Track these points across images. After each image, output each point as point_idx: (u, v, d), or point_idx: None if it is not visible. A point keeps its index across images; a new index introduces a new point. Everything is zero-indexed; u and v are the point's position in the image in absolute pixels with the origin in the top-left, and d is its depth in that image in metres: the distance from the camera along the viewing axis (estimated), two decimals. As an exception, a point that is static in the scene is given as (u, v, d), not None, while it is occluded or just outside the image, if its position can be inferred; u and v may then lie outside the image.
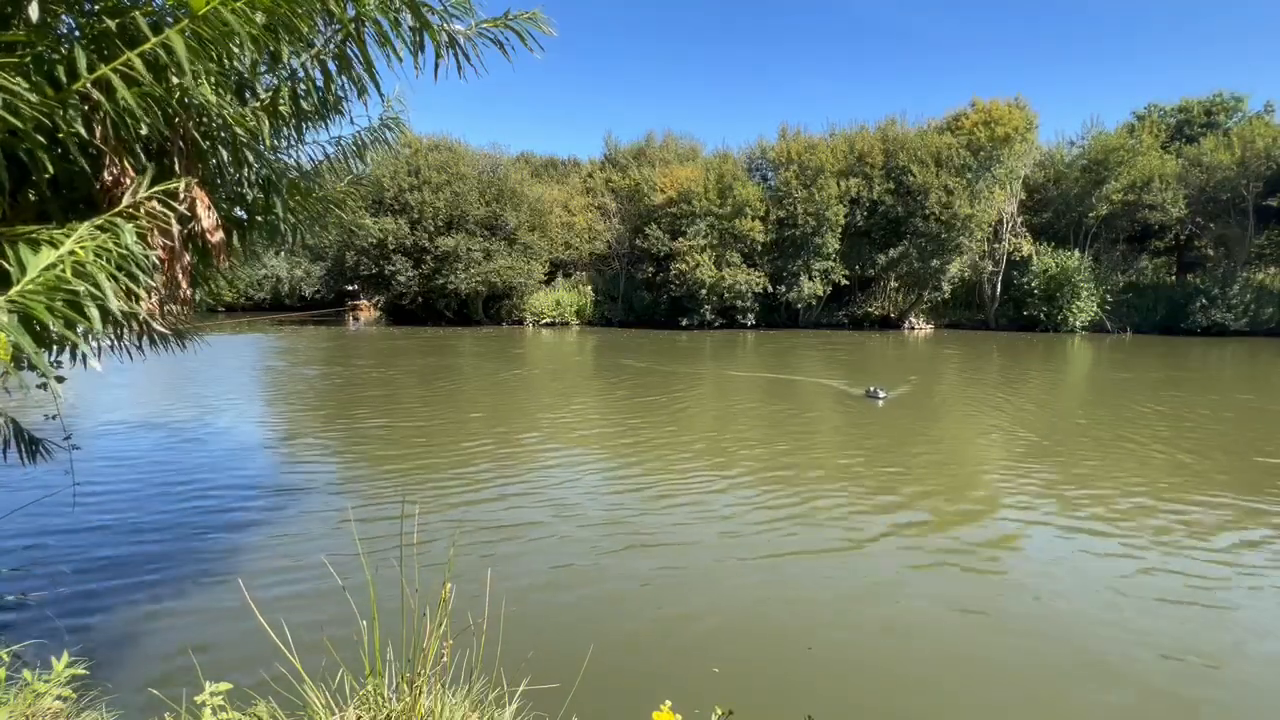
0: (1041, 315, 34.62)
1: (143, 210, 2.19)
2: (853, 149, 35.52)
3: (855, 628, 4.44)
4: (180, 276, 2.49)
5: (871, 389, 12.71)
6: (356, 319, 40.54)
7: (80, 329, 1.89)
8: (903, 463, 8.54)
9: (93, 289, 1.83)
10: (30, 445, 3.65)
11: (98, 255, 1.88)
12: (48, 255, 1.80)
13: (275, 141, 3.07)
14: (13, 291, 1.72)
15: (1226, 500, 6.93)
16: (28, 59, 1.98)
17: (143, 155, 2.36)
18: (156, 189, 2.20)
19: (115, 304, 1.92)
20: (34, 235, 1.89)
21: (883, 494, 7.22)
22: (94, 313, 1.84)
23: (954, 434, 10.57)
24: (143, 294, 2.25)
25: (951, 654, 4.10)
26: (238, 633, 4.08)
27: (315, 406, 12.55)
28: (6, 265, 1.82)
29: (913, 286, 36.98)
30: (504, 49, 2.93)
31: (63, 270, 1.79)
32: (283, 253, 38.51)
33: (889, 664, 4.00)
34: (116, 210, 2.14)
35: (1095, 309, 34.29)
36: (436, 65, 2.85)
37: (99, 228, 1.96)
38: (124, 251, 1.97)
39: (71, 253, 1.84)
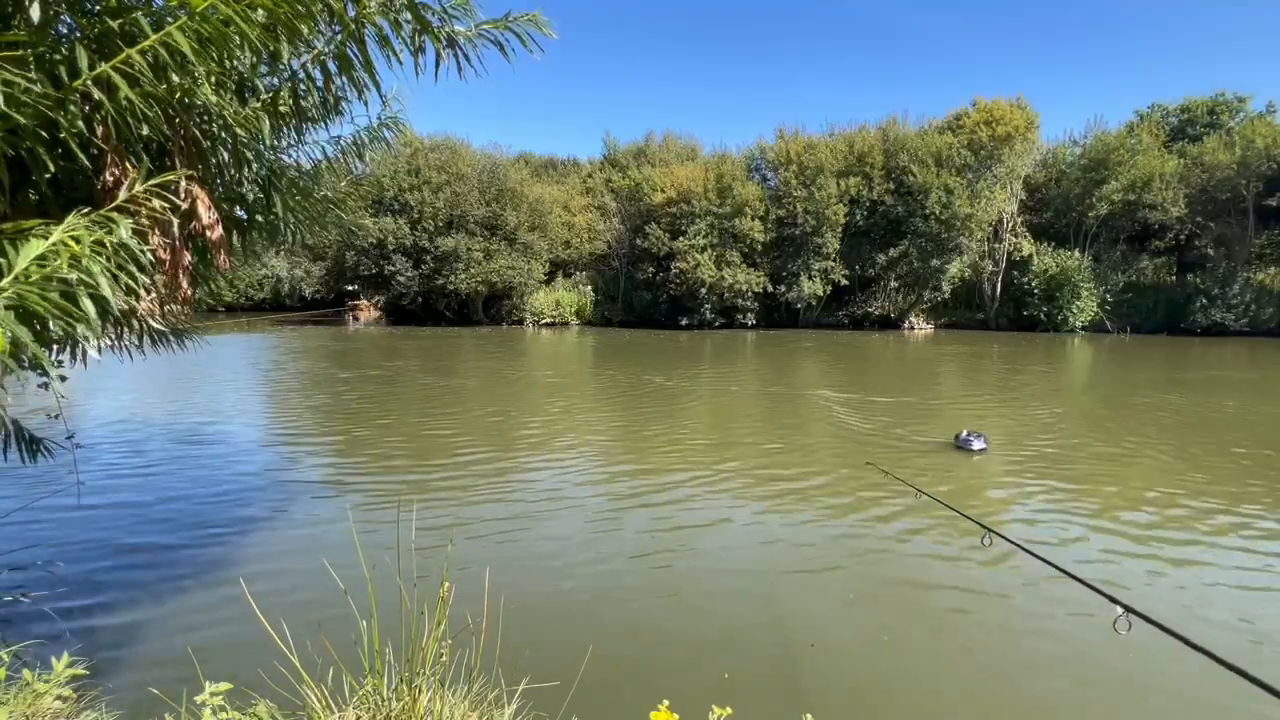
0: (1041, 315, 34.64)
1: (143, 210, 2.19)
2: (852, 149, 35.55)
3: (858, 627, 4.44)
4: (180, 275, 2.50)
5: (964, 434, 9.30)
6: (356, 319, 40.55)
7: (79, 328, 1.89)
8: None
9: (86, 279, 1.83)
10: (31, 444, 3.65)
11: (95, 251, 1.88)
12: (38, 245, 1.80)
13: (275, 141, 3.08)
14: (4, 283, 1.72)
15: None
16: (29, 58, 1.98)
17: (144, 155, 2.36)
18: (153, 181, 2.20)
19: (112, 298, 1.92)
20: (33, 231, 1.89)
21: (893, 503, 7.22)
22: (89, 306, 1.84)
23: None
24: (141, 291, 2.25)
25: (955, 653, 4.10)
26: (238, 632, 4.08)
27: (315, 407, 12.55)
28: (4, 262, 1.82)
29: (913, 286, 36.99)
30: (504, 50, 2.93)
31: (58, 264, 1.80)
32: (282, 252, 38.57)
33: (892, 662, 4.00)
34: (114, 205, 2.15)
35: (1095, 309, 34.31)
36: (437, 66, 2.86)
37: (95, 222, 1.96)
38: (119, 244, 1.97)
39: (65, 245, 1.84)
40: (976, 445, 8.91)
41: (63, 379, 3.23)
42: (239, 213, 3.26)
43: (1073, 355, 24.00)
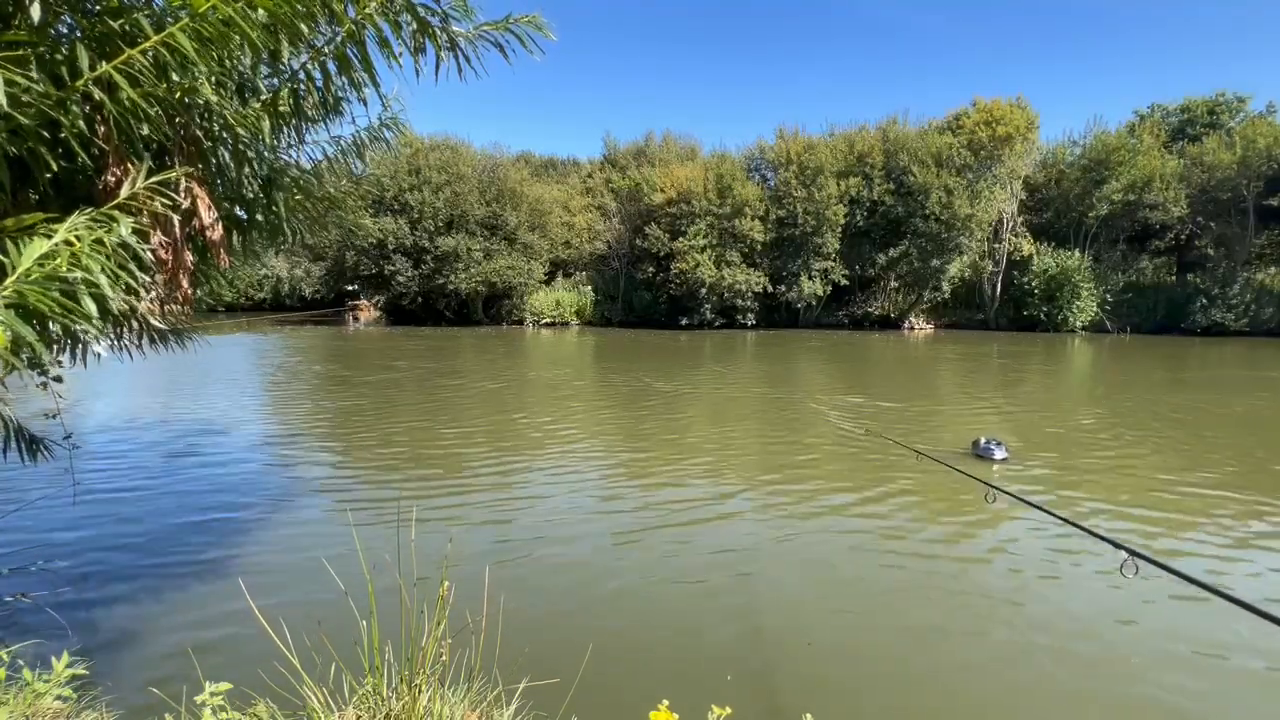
0: (1041, 315, 34.66)
1: (145, 209, 2.19)
2: (853, 149, 35.58)
3: (856, 624, 4.44)
4: (181, 275, 2.50)
5: (983, 441, 8.70)
6: (356, 319, 40.55)
7: (79, 326, 1.89)
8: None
9: (88, 277, 1.83)
10: (30, 444, 3.65)
11: (95, 249, 1.88)
12: (41, 245, 1.80)
13: (275, 141, 3.08)
14: (8, 282, 1.72)
15: None
16: (30, 58, 1.99)
17: (145, 155, 2.37)
18: (154, 179, 2.20)
19: (112, 296, 1.92)
20: (34, 228, 1.90)
21: (894, 508, 7.22)
22: (90, 304, 1.84)
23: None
24: (141, 290, 2.25)
25: (955, 654, 4.10)
26: (238, 632, 4.08)
27: (314, 407, 12.55)
28: (5, 260, 1.82)
29: (913, 286, 37.03)
30: (504, 52, 2.93)
31: (58, 263, 1.80)
32: (282, 252, 38.58)
33: (892, 663, 4.00)
34: (115, 203, 2.15)
35: (1095, 309, 34.34)
36: (437, 67, 2.86)
37: (95, 220, 1.96)
38: (120, 243, 1.97)
39: (68, 244, 1.84)
40: (999, 454, 8.36)
41: (58, 379, 3.23)
42: (239, 212, 3.26)
43: (1075, 356, 24.01)
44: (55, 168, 2.13)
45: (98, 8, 2.26)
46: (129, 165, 2.28)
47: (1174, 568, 1.98)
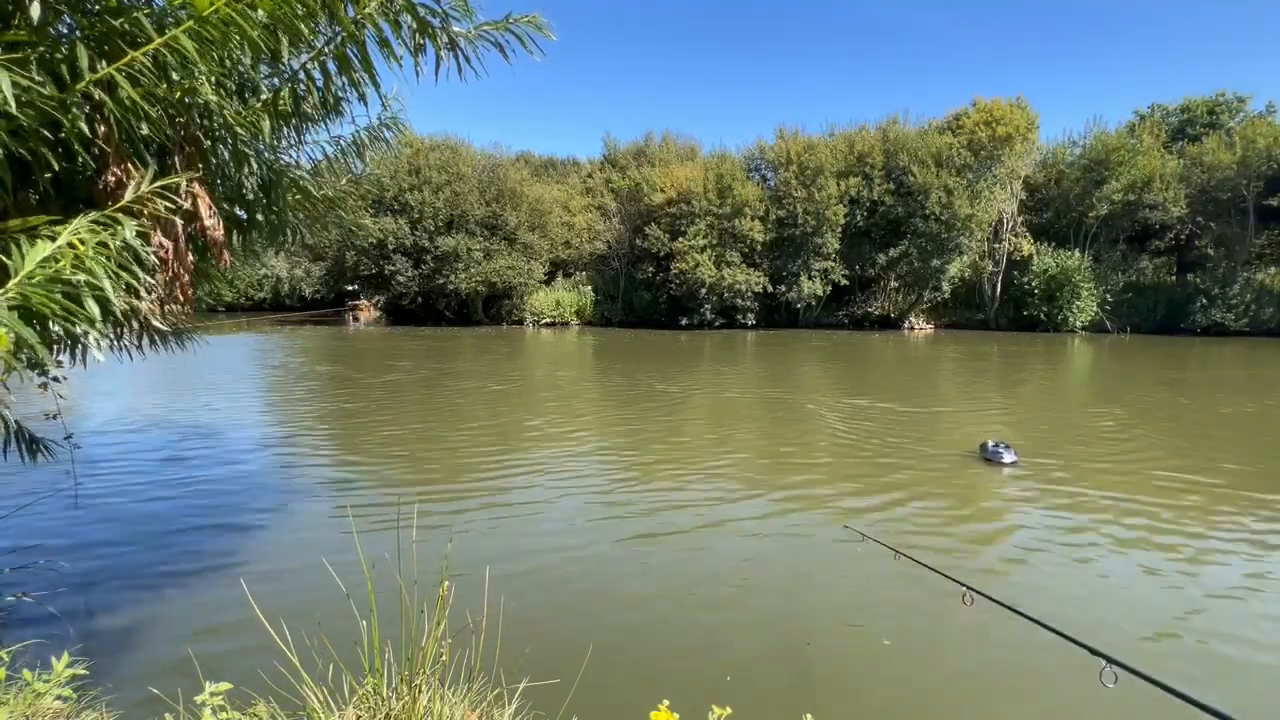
0: (1042, 315, 34.65)
1: (147, 210, 2.19)
2: (853, 149, 35.57)
3: (856, 625, 4.44)
4: (183, 275, 2.50)
5: (991, 445, 8.49)
6: (356, 319, 40.55)
7: (80, 327, 1.89)
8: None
9: (92, 281, 1.83)
10: (30, 444, 3.65)
11: (98, 250, 1.88)
12: (45, 247, 1.80)
13: (275, 141, 3.08)
14: (11, 285, 1.72)
15: None
16: (30, 58, 1.99)
17: (147, 156, 2.37)
18: (157, 184, 2.20)
19: (115, 299, 1.92)
20: (35, 229, 1.90)
21: (893, 495, 7.22)
22: (93, 307, 1.84)
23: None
24: (143, 291, 2.25)
25: (956, 651, 4.10)
26: (238, 632, 4.08)
27: (315, 407, 12.55)
28: (7, 261, 1.82)
29: (913, 286, 37.02)
30: (504, 52, 2.93)
31: (62, 265, 1.80)
32: (283, 252, 38.58)
33: (892, 664, 4.00)
34: (119, 206, 2.15)
35: (1095, 309, 34.33)
36: (437, 67, 2.86)
37: (98, 223, 1.96)
38: (123, 245, 1.98)
39: (71, 246, 1.84)
40: (1007, 458, 8.18)
41: (57, 380, 3.23)
42: (239, 212, 3.26)
43: (1076, 356, 24.00)
44: (56, 167, 2.13)
45: (97, 7, 2.26)
46: (129, 165, 2.28)
47: (1158, 679, 1.78)
